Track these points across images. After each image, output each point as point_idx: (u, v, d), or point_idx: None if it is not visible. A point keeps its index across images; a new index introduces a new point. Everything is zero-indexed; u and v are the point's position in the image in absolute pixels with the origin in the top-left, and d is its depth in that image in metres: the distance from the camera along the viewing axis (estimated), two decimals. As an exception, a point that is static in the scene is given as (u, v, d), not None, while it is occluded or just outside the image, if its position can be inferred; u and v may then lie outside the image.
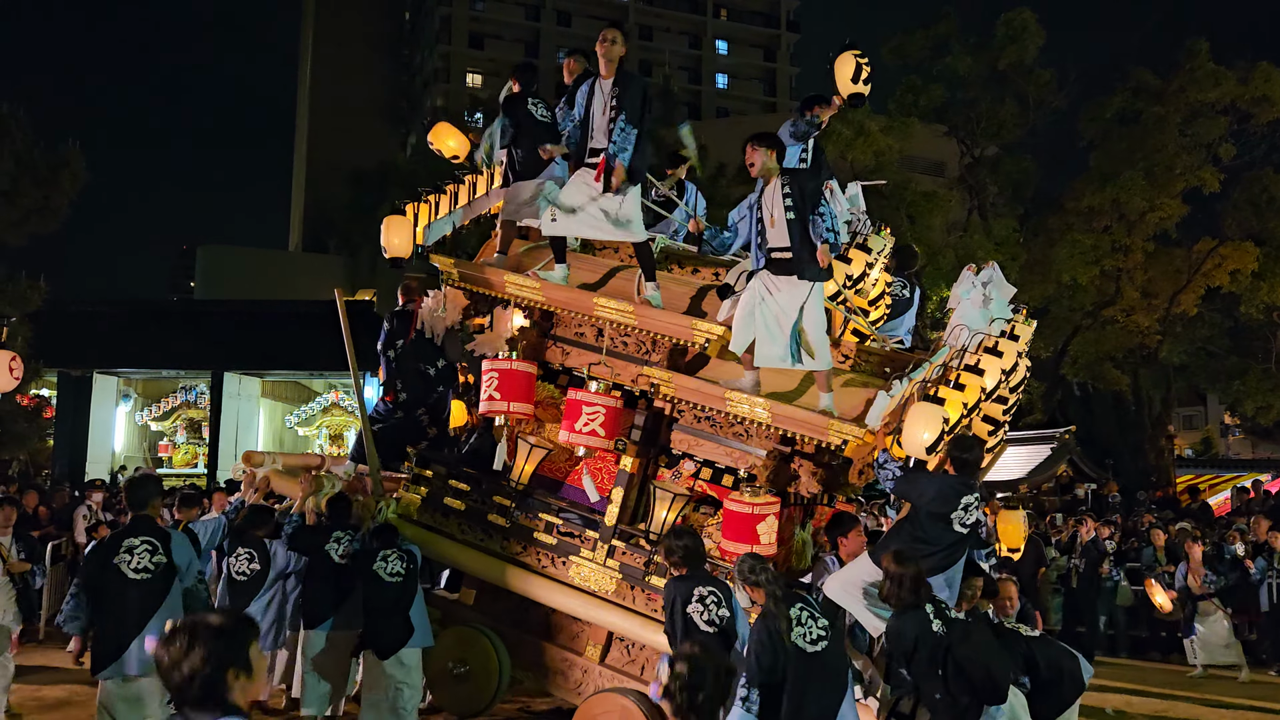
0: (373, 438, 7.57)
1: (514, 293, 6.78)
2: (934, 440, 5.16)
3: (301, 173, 56.08)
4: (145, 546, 5.41)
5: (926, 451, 5.18)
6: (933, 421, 5.16)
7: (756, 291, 5.58)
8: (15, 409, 16.48)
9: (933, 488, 5.27)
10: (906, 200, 21.56)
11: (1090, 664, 5.73)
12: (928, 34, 24.15)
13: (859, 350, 6.57)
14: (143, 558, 5.38)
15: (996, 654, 4.71)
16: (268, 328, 21.60)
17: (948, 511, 5.19)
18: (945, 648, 4.62)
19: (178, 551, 5.51)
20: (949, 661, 4.61)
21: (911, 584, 4.72)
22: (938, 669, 4.63)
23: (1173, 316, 23.40)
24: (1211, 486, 23.93)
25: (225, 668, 2.46)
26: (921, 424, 5.19)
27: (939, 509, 5.21)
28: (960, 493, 5.22)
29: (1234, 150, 22.90)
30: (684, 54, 59.61)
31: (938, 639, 4.63)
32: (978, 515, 5.28)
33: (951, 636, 4.63)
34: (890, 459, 5.38)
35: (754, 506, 5.69)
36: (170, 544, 5.50)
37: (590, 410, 6.29)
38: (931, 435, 5.14)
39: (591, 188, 6.17)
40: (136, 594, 5.35)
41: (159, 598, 5.37)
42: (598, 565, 6.32)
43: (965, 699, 4.61)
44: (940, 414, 5.20)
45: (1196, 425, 42.80)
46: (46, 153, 15.67)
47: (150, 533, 5.50)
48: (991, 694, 4.61)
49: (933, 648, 4.64)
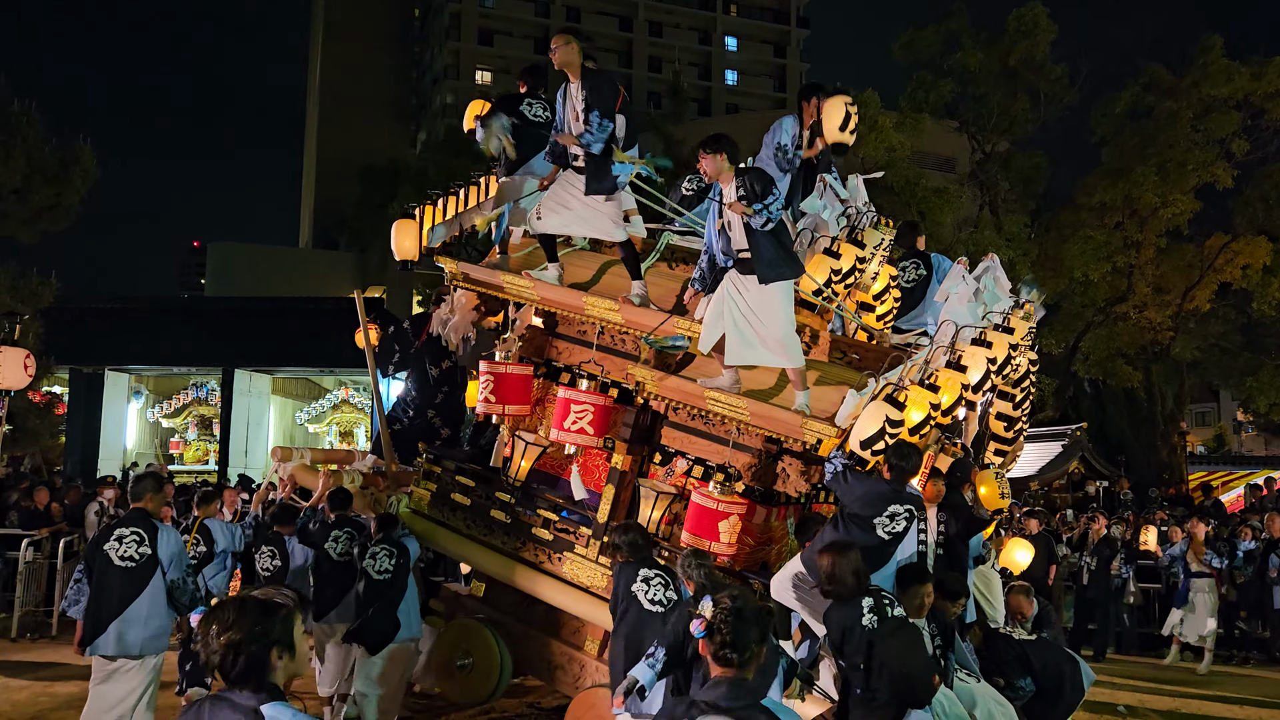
0: (389, 433, 7.68)
1: (511, 293, 6.83)
2: (872, 437, 5.10)
3: (311, 169, 56.20)
4: (134, 536, 5.75)
5: (862, 447, 5.14)
6: (875, 418, 5.11)
7: (725, 291, 5.58)
8: (27, 406, 16.56)
9: (860, 488, 5.18)
10: (917, 197, 21.51)
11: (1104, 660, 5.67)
12: (939, 29, 24.05)
13: (861, 348, 6.54)
14: (130, 546, 5.73)
15: (917, 656, 4.60)
16: (278, 324, 21.67)
17: (870, 515, 5.10)
18: (869, 643, 4.58)
19: (163, 545, 5.80)
20: (872, 657, 4.57)
21: (843, 575, 4.72)
22: (861, 663, 4.60)
23: (1185, 312, 23.28)
24: (1224, 483, 23.81)
25: (270, 645, 2.48)
26: (865, 420, 5.16)
27: (861, 510, 5.13)
28: (889, 500, 5.12)
29: (1247, 146, 22.76)
30: (693, 50, 59.51)
31: (866, 631, 4.59)
32: (905, 526, 5.12)
33: (878, 632, 4.58)
34: (840, 455, 5.31)
35: (719, 503, 5.68)
36: (157, 537, 5.80)
37: (579, 408, 6.31)
38: (871, 431, 5.10)
39: (575, 188, 6.21)
40: (119, 580, 5.69)
41: (140, 586, 5.69)
42: (590, 561, 6.36)
43: (883, 696, 4.56)
44: (885, 412, 5.13)
45: (1209, 422, 42.63)
46: (58, 150, 15.73)
47: (140, 524, 5.82)
48: (909, 695, 4.53)
49: (858, 641, 4.61)
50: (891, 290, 6.86)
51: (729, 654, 2.92)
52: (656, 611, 5.19)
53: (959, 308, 6.30)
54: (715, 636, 2.95)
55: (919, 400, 5.30)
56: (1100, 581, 12.01)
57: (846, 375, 6.07)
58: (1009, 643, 5.85)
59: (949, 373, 5.57)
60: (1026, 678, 5.69)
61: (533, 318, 7.38)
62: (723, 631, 2.93)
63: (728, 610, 2.96)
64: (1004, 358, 5.87)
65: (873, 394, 5.39)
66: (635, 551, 5.42)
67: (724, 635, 2.93)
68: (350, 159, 42.53)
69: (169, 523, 6.67)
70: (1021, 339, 6.22)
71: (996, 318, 6.12)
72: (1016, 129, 24.47)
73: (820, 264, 6.07)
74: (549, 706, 7.60)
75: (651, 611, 5.20)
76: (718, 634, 2.94)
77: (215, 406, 22.07)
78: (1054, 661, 5.80)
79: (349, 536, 6.90)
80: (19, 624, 10.48)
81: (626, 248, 6.36)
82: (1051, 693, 5.68)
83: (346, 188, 39.17)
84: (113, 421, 21.51)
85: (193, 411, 22.76)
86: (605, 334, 6.71)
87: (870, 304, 6.77)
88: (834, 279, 6.11)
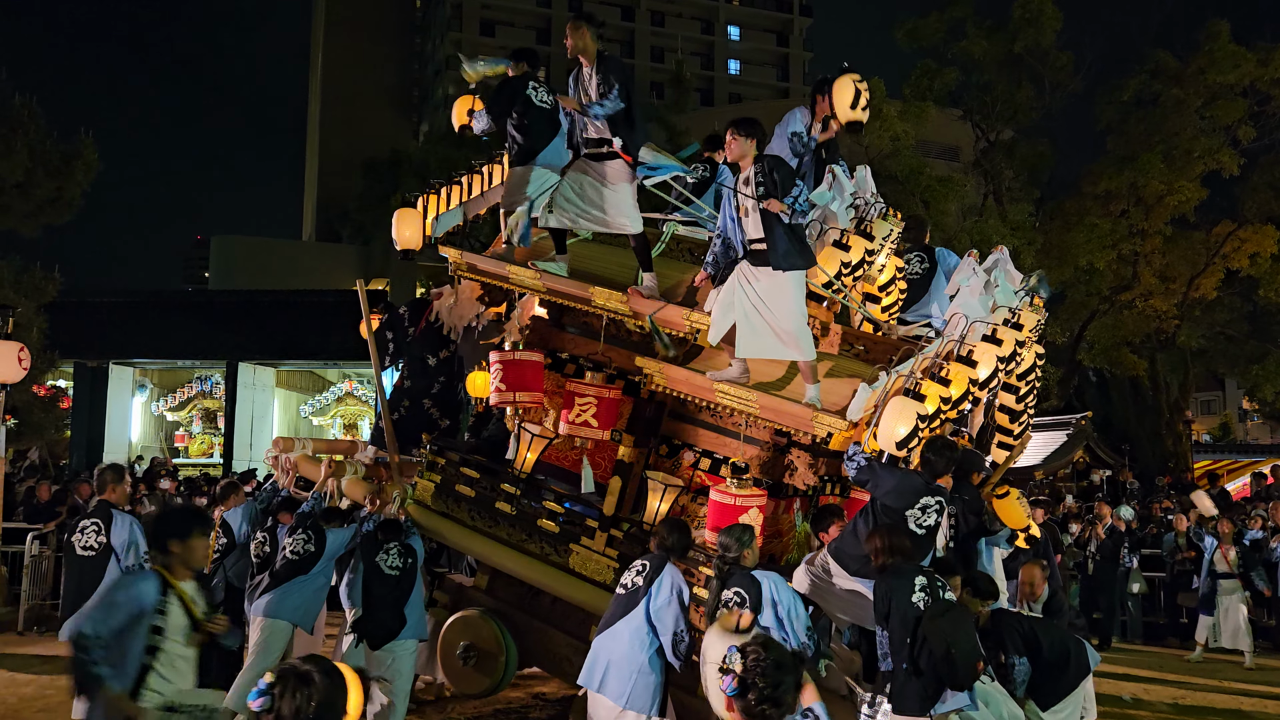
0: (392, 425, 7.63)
1: (516, 284, 6.77)
2: (907, 436, 5.08)
3: (314, 162, 56.12)
4: (94, 527, 6.22)
5: (898, 447, 5.11)
6: (907, 416, 5.08)
7: (735, 281, 5.54)
8: (32, 399, 16.58)
9: (891, 480, 5.18)
10: (921, 185, 21.40)
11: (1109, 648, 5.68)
12: (943, 17, 23.87)
13: (869, 340, 6.50)
14: (90, 536, 6.19)
15: (964, 639, 4.62)
16: (282, 318, 21.69)
17: (903, 507, 5.11)
18: (916, 619, 4.61)
19: (115, 533, 6.22)
20: (919, 635, 4.59)
21: (899, 545, 4.77)
22: (906, 637, 4.62)
23: (1191, 301, 23.21)
24: (1230, 472, 23.78)
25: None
26: (896, 418, 5.12)
27: (894, 503, 5.14)
28: (921, 492, 5.14)
29: (1254, 133, 22.68)
30: (696, 40, 59.28)
31: (915, 609, 4.62)
32: (936, 520, 5.13)
33: (928, 612, 4.61)
34: (859, 450, 5.29)
35: (736, 498, 5.64)
36: (112, 525, 6.23)
37: (583, 400, 6.28)
38: (905, 430, 5.07)
39: (588, 177, 6.15)
40: (80, 569, 6.16)
41: (99, 573, 6.09)
42: (596, 553, 6.35)
43: (927, 674, 4.57)
44: (916, 409, 5.10)
45: (1214, 410, 42.51)
46: (60, 144, 15.69)
47: (100, 514, 6.27)
48: (951, 676, 4.55)
49: (905, 615, 4.63)
50: (898, 282, 6.82)
51: (768, 711, 2.62)
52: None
53: (970, 300, 6.25)
54: (750, 694, 2.62)
55: (931, 393, 5.29)
56: (1105, 570, 11.99)
57: (857, 368, 6.03)
58: (1018, 620, 5.87)
59: (959, 367, 5.54)
60: (1023, 658, 5.71)
61: (535, 308, 7.34)
62: (759, 687, 2.62)
63: (760, 661, 2.64)
64: (1011, 354, 5.85)
65: (888, 389, 5.37)
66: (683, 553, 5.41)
67: (761, 690, 2.62)
68: (352, 151, 42.45)
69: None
70: (1029, 332, 6.18)
71: (1006, 313, 6.08)
72: (1021, 117, 24.32)
73: (830, 256, 6.03)
74: (555, 697, 7.61)
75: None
76: (753, 690, 2.62)
77: (220, 400, 22.11)
78: (1060, 641, 5.83)
79: (305, 540, 6.83)
80: (25, 617, 10.52)
81: (639, 239, 6.30)
82: (1057, 669, 5.72)
83: (349, 180, 39.08)
84: (118, 415, 21.57)
85: (197, 405, 22.80)
86: (615, 325, 6.65)
87: (876, 295, 6.73)
88: (844, 271, 6.09)
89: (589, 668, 5.09)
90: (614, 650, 5.05)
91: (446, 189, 7.36)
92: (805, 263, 5.54)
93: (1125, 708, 8.43)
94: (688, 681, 5.26)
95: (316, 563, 6.70)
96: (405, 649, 6.39)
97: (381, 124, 51.04)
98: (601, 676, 5.02)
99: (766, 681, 2.61)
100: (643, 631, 5.06)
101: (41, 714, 7.40)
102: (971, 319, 5.90)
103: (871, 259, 6.24)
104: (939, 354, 5.63)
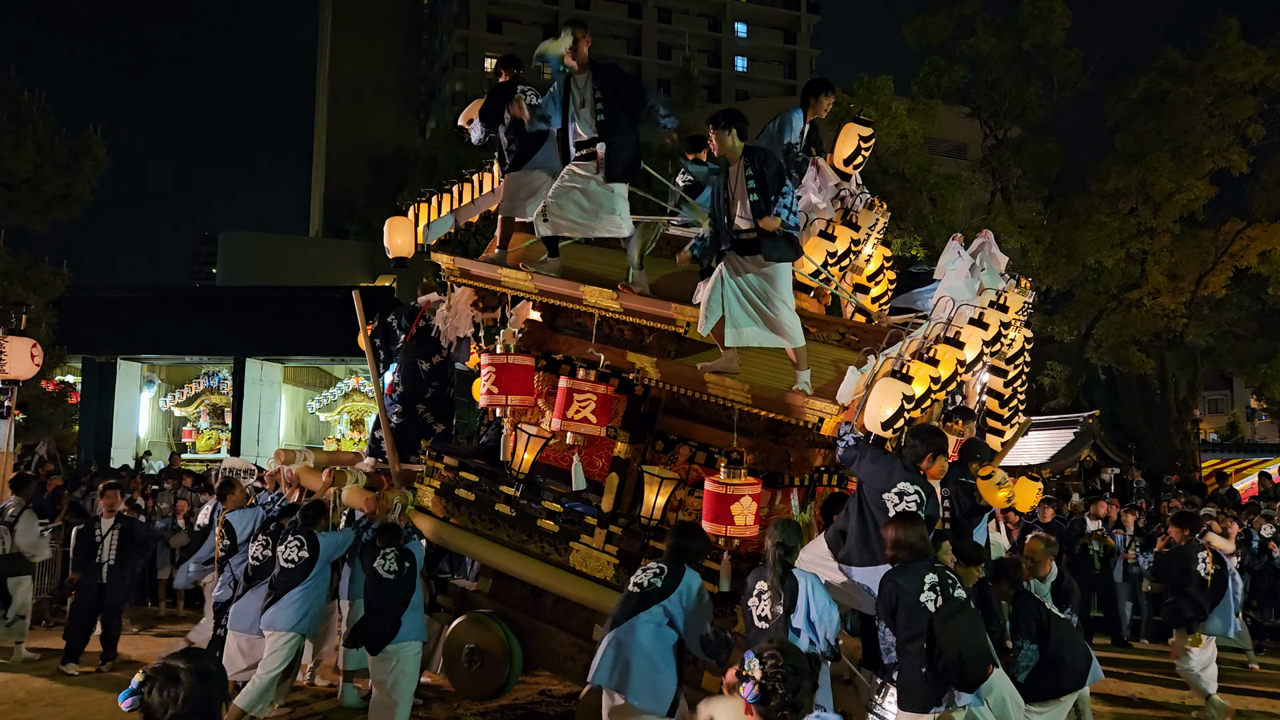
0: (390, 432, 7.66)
1: (509, 287, 6.78)
2: (893, 416, 5.10)
3: (321, 158, 56.21)
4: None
5: (883, 428, 5.13)
6: (893, 397, 5.10)
7: (723, 272, 5.56)
8: (41, 395, 16.64)
9: (872, 462, 5.19)
10: (929, 183, 21.35)
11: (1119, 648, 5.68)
12: (951, 13, 23.72)
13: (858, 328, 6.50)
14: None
15: (974, 642, 4.61)
16: (289, 313, 21.69)
17: (879, 489, 5.11)
18: (929, 618, 4.58)
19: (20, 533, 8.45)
20: (930, 635, 4.58)
21: (909, 540, 4.73)
22: (916, 633, 4.61)
23: (1199, 299, 23.13)
24: (1237, 471, 23.67)
25: None
26: (882, 399, 5.14)
27: (873, 484, 5.15)
28: (898, 476, 5.12)
29: (1263, 130, 22.53)
30: (703, 37, 59.22)
31: (925, 610, 4.59)
32: (915, 503, 5.08)
33: (938, 615, 4.58)
34: (850, 429, 5.31)
35: (727, 487, 5.65)
36: (17, 525, 8.27)
37: (581, 397, 6.27)
38: (890, 410, 5.09)
39: (579, 181, 6.14)
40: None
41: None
42: (596, 550, 6.35)
43: (935, 672, 4.58)
44: (902, 390, 5.12)
45: (1222, 409, 42.40)
46: (68, 140, 15.74)
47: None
48: (959, 678, 4.55)
49: (914, 613, 4.61)
50: (886, 271, 6.84)
51: (788, 716, 2.65)
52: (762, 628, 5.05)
53: (956, 283, 6.28)
54: (772, 700, 2.66)
55: (920, 375, 5.31)
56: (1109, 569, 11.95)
57: (844, 355, 6.05)
58: (1038, 607, 5.88)
59: (946, 348, 5.57)
60: (1033, 644, 5.72)
61: (530, 312, 7.34)
62: (780, 693, 2.65)
63: (780, 667, 2.67)
64: (994, 335, 5.86)
65: (875, 371, 5.38)
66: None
67: (782, 696, 2.65)
68: (360, 148, 42.55)
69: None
70: (1016, 314, 6.18)
71: (993, 294, 6.10)
72: (1029, 115, 24.19)
73: (816, 247, 6.05)
74: (561, 693, 7.62)
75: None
76: (774, 697, 2.66)
77: (227, 395, 22.14)
78: (1070, 638, 5.83)
79: (299, 545, 6.86)
80: (34, 611, 10.53)
81: (630, 239, 6.30)
82: (1051, 666, 5.74)
83: (356, 176, 39.17)
84: (125, 410, 21.62)
85: (205, 400, 22.83)
86: (607, 324, 6.65)
87: (865, 285, 6.76)
88: (830, 261, 6.10)
89: (603, 666, 4.94)
90: (630, 649, 4.92)
91: (438, 196, 7.41)
92: (794, 254, 5.59)
93: (1131, 707, 8.42)
94: (694, 679, 5.27)
95: (313, 568, 6.74)
96: (408, 651, 6.39)
97: (388, 121, 51.14)
98: (619, 675, 4.88)
99: (787, 687, 2.64)
100: (661, 632, 4.98)
101: (50, 708, 7.44)
102: (959, 302, 5.91)
103: (858, 249, 6.26)
104: (926, 336, 5.66)
